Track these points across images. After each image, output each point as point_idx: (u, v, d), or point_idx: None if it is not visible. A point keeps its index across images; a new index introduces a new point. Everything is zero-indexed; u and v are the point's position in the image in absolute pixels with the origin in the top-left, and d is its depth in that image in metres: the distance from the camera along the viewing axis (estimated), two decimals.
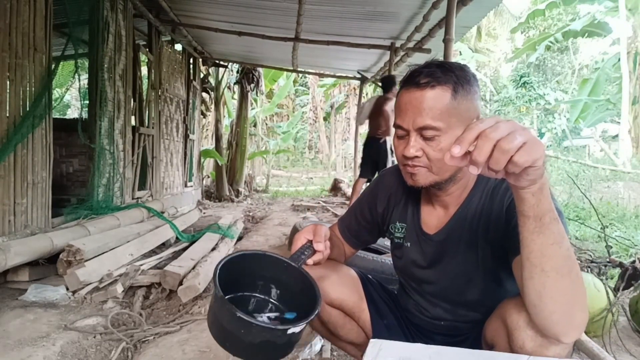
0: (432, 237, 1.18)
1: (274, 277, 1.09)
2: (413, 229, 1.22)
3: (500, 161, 0.67)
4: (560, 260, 0.80)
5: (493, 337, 1.01)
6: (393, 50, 6.06)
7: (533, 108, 21.88)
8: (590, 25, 13.20)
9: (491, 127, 0.68)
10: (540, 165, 0.70)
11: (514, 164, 0.67)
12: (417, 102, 1.02)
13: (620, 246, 3.47)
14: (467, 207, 1.12)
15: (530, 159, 0.67)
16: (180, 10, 5.73)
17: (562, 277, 0.80)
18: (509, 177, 0.72)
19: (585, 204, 5.10)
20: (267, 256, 1.09)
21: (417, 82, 1.03)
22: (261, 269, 1.09)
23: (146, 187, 5.50)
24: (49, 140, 3.38)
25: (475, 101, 1.05)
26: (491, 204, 1.08)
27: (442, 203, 1.16)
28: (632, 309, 2.27)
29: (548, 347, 0.89)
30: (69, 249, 2.77)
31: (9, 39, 2.96)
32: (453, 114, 1.01)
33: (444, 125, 1.01)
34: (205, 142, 11.19)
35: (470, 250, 1.11)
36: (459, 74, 1.03)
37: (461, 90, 1.02)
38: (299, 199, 8.85)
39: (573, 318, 0.83)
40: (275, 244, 4.47)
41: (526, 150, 0.67)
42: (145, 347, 2.13)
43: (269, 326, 0.95)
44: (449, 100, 1.01)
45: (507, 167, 0.68)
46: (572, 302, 0.82)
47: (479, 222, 1.09)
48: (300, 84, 22.01)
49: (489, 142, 0.67)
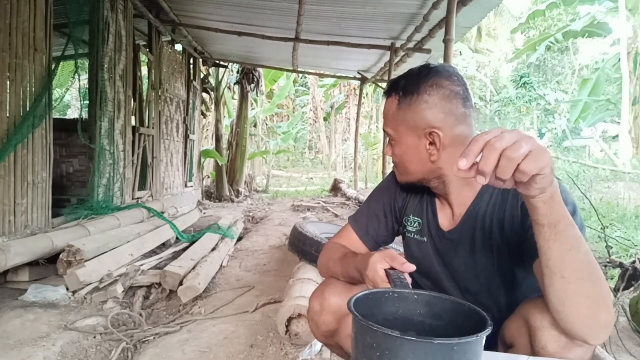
0: (445, 235, 1.16)
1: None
2: (428, 225, 1.20)
3: (507, 170, 0.68)
4: (579, 265, 0.80)
5: (513, 337, 1.00)
6: (393, 50, 6.06)
7: (533, 108, 21.89)
8: (591, 25, 13.20)
9: (496, 137, 0.69)
10: (548, 173, 0.70)
11: (521, 172, 0.68)
12: (383, 108, 1.14)
13: (620, 246, 3.47)
14: (476, 207, 1.11)
15: (537, 167, 0.68)
16: (180, 10, 5.73)
17: (583, 281, 0.80)
18: (519, 187, 0.73)
19: (586, 204, 5.11)
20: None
21: (384, 91, 1.14)
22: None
23: (146, 187, 5.50)
24: (49, 140, 3.38)
25: (424, 111, 1.05)
26: (503, 202, 1.07)
27: (449, 202, 1.16)
28: (632, 309, 2.27)
29: (571, 349, 0.89)
30: (69, 249, 2.77)
31: (9, 39, 2.96)
32: (400, 123, 1.09)
33: (393, 132, 1.11)
34: (205, 142, 11.18)
35: (486, 252, 1.10)
36: (407, 84, 1.08)
37: (404, 100, 1.07)
38: (299, 199, 8.85)
39: (598, 320, 0.83)
40: (275, 244, 4.47)
41: (532, 158, 0.68)
42: (145, 347, 2.13)
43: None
44: (394, 109, 1.09)
45: (514, 175, 0.69)
46: (596, 305, 0.81)
47: (491, 223, 1.08)
48: (300, 84, 22.00)
49: (494, 151, 0.68)
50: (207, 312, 2.53)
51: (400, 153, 1.11)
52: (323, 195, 9.84)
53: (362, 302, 0.84)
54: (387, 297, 0.89)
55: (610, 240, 3.17)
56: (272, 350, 2.01)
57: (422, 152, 1.08)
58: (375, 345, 0.72)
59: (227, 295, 2.84)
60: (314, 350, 1.87)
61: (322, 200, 8.52)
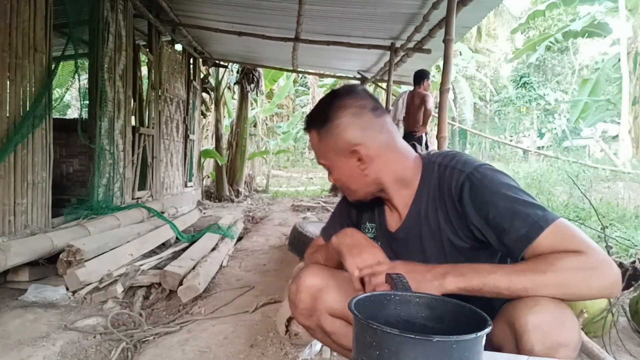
0: (394, 235, 1.22)
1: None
2: (380, 228, 1.27)
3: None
4: (529, 284, 0.93)
5: (500, 341, 1.01)
6: (393, 50, 6.05)
7: (533, 108, 21.90)
8: (591, 25, 13.21)
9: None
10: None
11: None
12: (309, 143, 1.21)
13: (620, 246, 3.47)
14: (418, 205, 1.16)
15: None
16: (180, 10, 5.73)
17: (545, 287, 0.92)
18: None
19: (585, 204, 5.10)
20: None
21: (304, 127, 1.23)
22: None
23: (146, 187, 5.49)
24: (49, 140, 3.38)
25: (341, 134, 1.12)
26: (442, 195, 1.12)
27: (394, 206, 1.21)
28: (632, 309, 2.27)
29: (558, 349, 0.89)
30: (69, 249, 2.77)
31: (9, 39, 2.96)
32: (327, 151, 1.16)
33: (326, 161, 1.18)
34: (205, 142, 11.18)
35: (435, 244, 1.15)
36: (317, 115, 1.16)
37: (321, 130, 1.14)
38: (299, 199, 8.85)
39: (590, 289, 0.92)
40: (275, 244, 4.47)
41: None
42: (145, 347, 2.13)
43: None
44: (317, 141, 1.17)
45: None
46: (572, 284, 0.92)
47: (436, 215, 1.13)
48: (300, 84, 21.98)
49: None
50: (207, 312, 2.53)
51: (338, 177, 1.19)
52: (323, 196, 9.83)
53: (363, 304, 0.84)
54: (388, 299, 0.90)
55: (610, 240, 3.16)
56: (272, 350, 2.01)
57: (355, 170, 1.15)
58: (375, 344, 0.72)
59: (227, 295, 2.84)
60: (314, 350, 1.87)
61: (322, 200, 8.52)
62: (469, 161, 1.11)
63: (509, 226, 0.98)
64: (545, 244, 0.95)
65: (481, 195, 1.03)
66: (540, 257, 0.94)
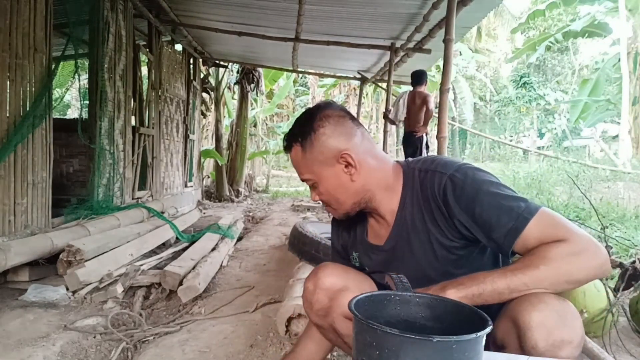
0: (381, 248, 1.22)
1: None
2: (363, 250, 1.28)
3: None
4: (526, 281, 0.95)
5: (503, 338, 1.01)
6: (393, 50, 6.05)
7: (533, 108, 21.90)
8: (591, 25, 13.22)
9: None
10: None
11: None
12: (292, 161, 1.20)
13: (620, 246, 3.47)
14: (403, 211, 1.17)
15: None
16: (180, 10, 5.73)
17: (540, 281, 0.95)
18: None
19: (585, 204, 5.10)
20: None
21: (284, 146, 1.22)
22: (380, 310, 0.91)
23: (146, 187, 5.49)
24: (49, 140, 3.38)
25: (327, 142, 1.13)
26: (425, 200, 1.13)
27: (381, 215, 1.21)
28: (632, 309, 2.27)
29: (561, 347, 0.90)
30: (69, 249, 2.77)
31: (9, 39, 2.96)
32: (312, 164, 1.15)
33: (311, 175, 1.17)
34: (205, 142, 11.18)
35: (423, 244, 1.15)
36: (298, 130, 1.16)
37: (305, 143, 1.14)
38: (299, 199, 8.85)
39: (579, 276, 0.96)
40: (275, 244, 4.47)
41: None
42: (145, 347, 2.13)
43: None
44: (301, 156, 1.16)
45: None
46: (563, 273, 0.95)
47: (422, 217, 1.14)
48: (300, 84, 21.99)
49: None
50: (207, 312, 2.53)
51: (325, 189, 1.17)
52: None
53: (363, 305, 0.84)
54: (388, 299, 0.90)
55: (610, 240, 3.16)
56: (272, 350, 2.00)
57: (343, 177, 1.15)
58: (375, 344, 0.72)
59: (227, 295, 2.83)
60: None
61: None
62: (449, 163, 1.13)
63: (496, 222, 1.01)
64: (533, 233, 0.98)
65: (465, 194, 1.05)
66: (530, 254, 0.98)
